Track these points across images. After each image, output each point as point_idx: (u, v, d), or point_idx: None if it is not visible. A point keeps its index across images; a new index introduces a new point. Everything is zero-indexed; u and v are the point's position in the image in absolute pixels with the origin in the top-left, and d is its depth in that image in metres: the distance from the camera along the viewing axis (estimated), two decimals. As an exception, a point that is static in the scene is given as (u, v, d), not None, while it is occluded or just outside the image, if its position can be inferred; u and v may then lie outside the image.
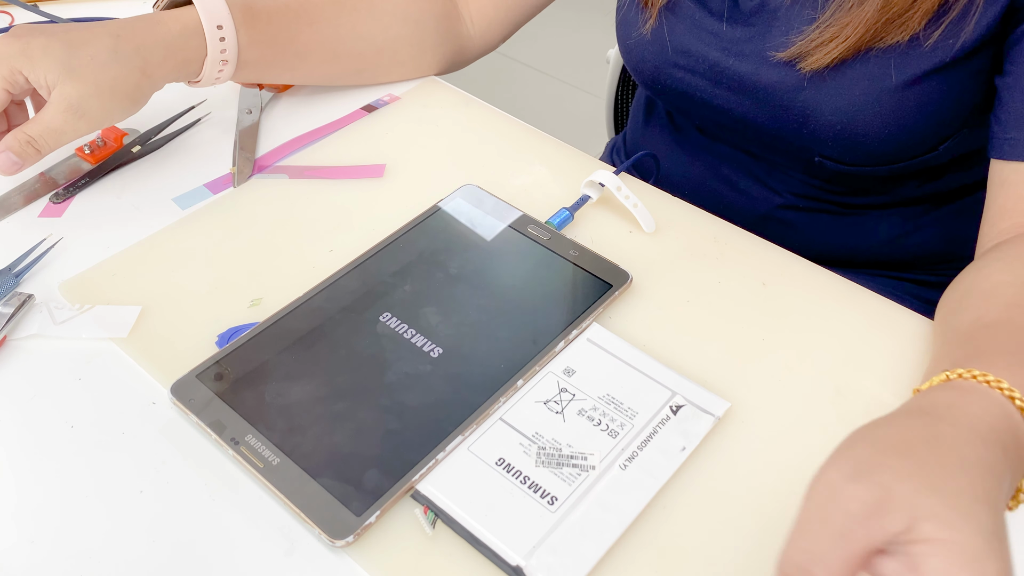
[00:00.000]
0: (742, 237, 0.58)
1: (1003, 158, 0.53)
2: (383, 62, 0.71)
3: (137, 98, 0.59)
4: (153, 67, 0.58)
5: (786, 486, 0.44)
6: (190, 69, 0.60)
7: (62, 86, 0.55)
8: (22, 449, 0.46)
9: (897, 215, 0.70)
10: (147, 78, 0.58)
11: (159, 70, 0.58)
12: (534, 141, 0.67)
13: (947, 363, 0.42)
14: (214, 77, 0.62)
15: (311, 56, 0.67)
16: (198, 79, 0.61)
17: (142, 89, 0.58)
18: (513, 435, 0.45)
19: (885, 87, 0.56)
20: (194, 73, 0.61)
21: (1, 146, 0.56)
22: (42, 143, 0.56)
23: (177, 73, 0.60)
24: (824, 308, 0.53)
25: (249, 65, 0.63)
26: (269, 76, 0.67)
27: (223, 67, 0.62)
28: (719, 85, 0.64)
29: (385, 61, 0.71)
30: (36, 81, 0.55)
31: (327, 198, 0.61)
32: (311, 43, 0.66)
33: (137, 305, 0.53)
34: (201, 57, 0.60)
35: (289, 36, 0.65)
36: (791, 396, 0.48)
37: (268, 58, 0.64)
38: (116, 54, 0.57)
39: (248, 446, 0.44)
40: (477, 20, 0.74)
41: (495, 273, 0.54)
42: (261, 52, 0.63)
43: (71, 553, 0.41)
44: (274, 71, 0.66)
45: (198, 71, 0.61)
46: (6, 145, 0.56)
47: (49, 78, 0.55)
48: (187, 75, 0.61)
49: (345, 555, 0.41)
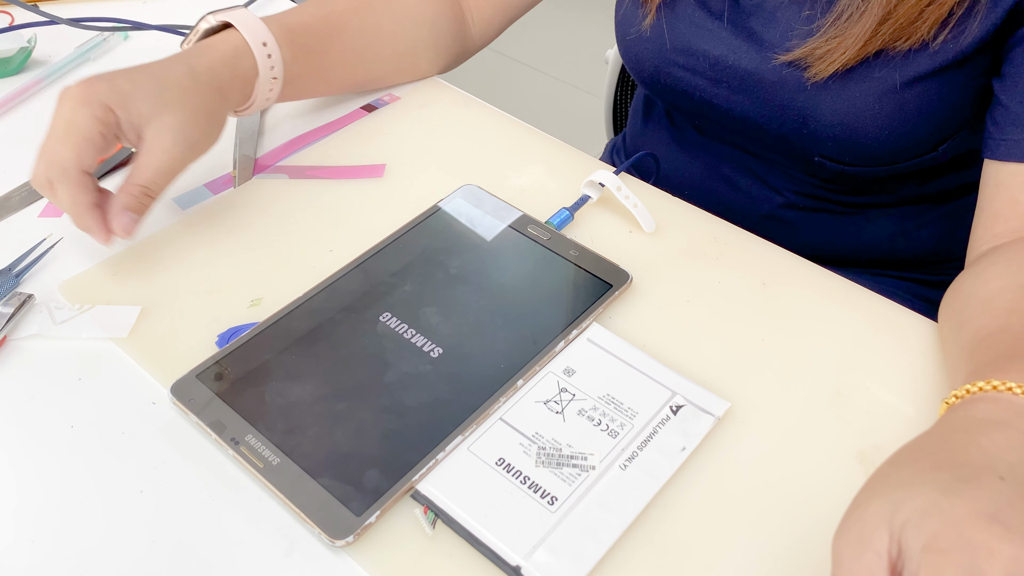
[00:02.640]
0: (742, 237, 0.58)
1: (998, 159, 0.53)
2: (404, 66, 0.71)
3: (220, 121, 0.57)
4: (226, 89, 0.57)
5: (786, 486, 0.44)
6: (247, 90, 0.59)
7: (159, 118, 0.52)
8: (22, 449, 0.46)
9: (898, 214, 0.70)
10: (224, 100, 0.57)
11: (230, 91, 0.57)
12: (534, 141, 0.67)
13: (961, 378, 0.42)
14: (264, 98, 0.61)
15: (343, 66, 0.67)
16: (249, 102, 0.60)
17: (223, 111, 0.57)
18: (513, 435, 0.45)
19: (886, 88, 0.56)
20: (248, 95, 0.59)
21: (116, 208, 0.52)
22: (155, 187, 0.53)
23: (241, 92, 0.58)
24: (824, 308, 0.53)
25: (293, 81, 0.63)
26: (308, 91, 0.66)
27: (273, 85, 0.60)
28: (719, 84, 0.64)
29: (406, 65, 0.71)
30: (129, 118, 0.52)
31: (327, 198, 0.61)
32: (343, 53, 0.66)
33: (137, 305, 0.53)
34: (254, 76, 0.59)
35: (323, 48, 0.64)
36: (791, 396, 0.48)
37: (308, 72, 0.64)
38: (196, 79, 0.55)
39: (248, 446, 0.44)
40: (478, 20, 0.75)
41: (495, 273, 0.54)
42: (302, 67, 0.63)
43: (71, 553, 0.41)
44: (313, 85, 0.66)
45: (252, 92, 0.59)
46: (122, 205, 0.52)
47: (143, 111, 0.52)
48: (245, 95, 0.59)
49: (345, 555, 0.41)
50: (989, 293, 0.47)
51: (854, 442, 0.46)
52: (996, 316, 0.45)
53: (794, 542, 0.42)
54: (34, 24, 0.78)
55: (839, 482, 0.44)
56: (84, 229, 0.52)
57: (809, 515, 0.43)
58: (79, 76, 0.75)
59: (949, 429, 0.37)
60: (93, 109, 0.50)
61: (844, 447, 0.46)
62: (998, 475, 0.33)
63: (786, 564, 0.41)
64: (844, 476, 0.44)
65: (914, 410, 0.47)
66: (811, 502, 0.43)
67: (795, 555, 0.41)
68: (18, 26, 0.79)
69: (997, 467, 0.33)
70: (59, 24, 0.78)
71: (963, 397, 0.39)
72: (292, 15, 0.63)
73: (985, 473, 0.33)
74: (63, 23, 0.75)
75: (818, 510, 0.43)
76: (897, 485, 0.34)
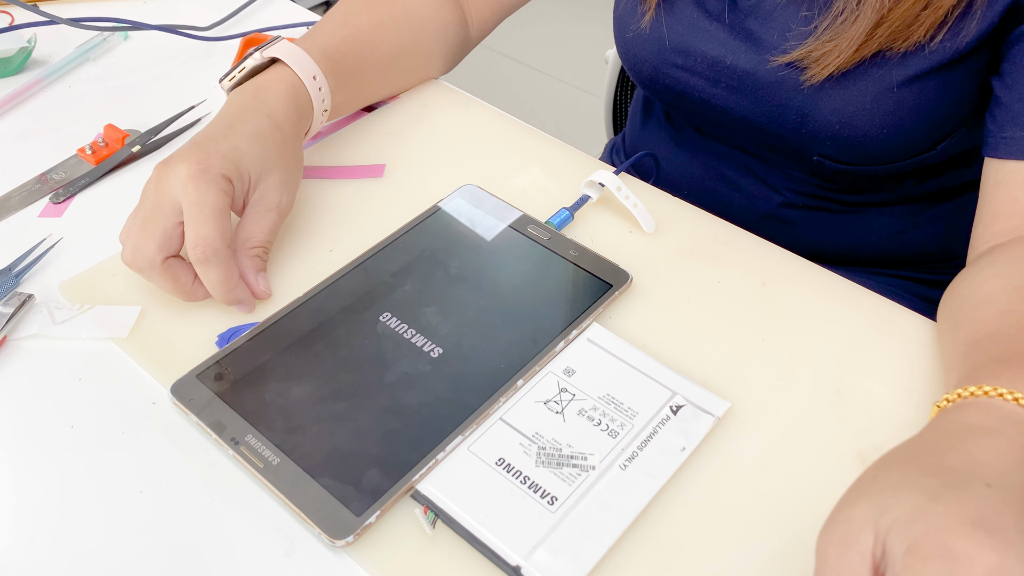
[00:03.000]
0: (742, 237, 0.58)
1: (999, 156, 0.53)
2: (420, 75, 0.72)
3: (302, 160, 0.58)
4: (299, 129, 0.57)
5: (786, 486, 0.44)
6: (307, 122, 0.59)
7: (266, 180, 0.53)
8: (22, 449, 0.46)
9: (897, 212, 0.70)
10: (299, 140, 0.57)
11: (301, 130, 0.58)
12: (534, 141, 0.67)
13: (954, 380, 0.42)
14: (316, 130, 0.61)
15: (373, 84, 0.67)
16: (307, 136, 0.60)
17: (301, 152, 0.58)
18: (513, 435, 0.45)
19: (884, 87, 0.56)
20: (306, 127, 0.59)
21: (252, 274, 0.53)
22: (271, 245, 0.55)
23: (305, 126, 0.59)
24: (824, 308, 0.53)
25: (336, 108, 0.63)
26: (344, 111, 0.66)
27: (323, 118, 0.61)
28: (717, 84, 0.64)
29: (421, 74, 0.72)
30: (243, 187, 0.53)
31: (327, 198, 0.61)
32: (372, 69, 0.66)
33: (137, 305, 0.53)
34: (309, 111, 0.59)
35: (359, 71, 0.64)
36: (791, 396, 0.48)
37: (348, 95, 0.64)
38: (281, 131, 0.55)
39: (248, 446, 0.44)
40: (476, 22, 0.75)
41: (495, 273, 0.54)
42: (345, 92, 0.63)
43: (71, 553, 0.41)
44: (350, 105, 0.66)
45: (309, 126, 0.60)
46: (256, 269, 0.53)
47: (253, 175, 0.53)
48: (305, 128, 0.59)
49: (345, 555, 0.41)
50: (985, 294, 0.47)
51: (854, 442, 0.46)
52: (991, 318, 0.45)
53: (794, 541, 0.42)
54: (34, 24, 0.78)
55: (839, 482, 0.44)
56: (234, 302, 0.52)
57: (809, 515, 0.43)
58: (79, 76, 0.75)
59: (939, 434, 0.38)
60: (218, 183, 0.50)
61: (844, 447, 0.46)
62: (985, 482, 0.33)
63: (786, 563, 0.41)
64: (844, 476, 0.44)
65: (914, 410, 0.47)
66: (811, 502, 0.43)
67: (795, 554, 0.41)
68: (18, 26, 0.79)
69: (984, 474, 0.33)
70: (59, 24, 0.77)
71: (954, 401, 0.40)
72: (324, 38, 0.62)
73: (972, 480, 0.33)
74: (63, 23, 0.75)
75: (818, 510, 0.43)
76: (884, 488, 0.34)
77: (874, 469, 0.36)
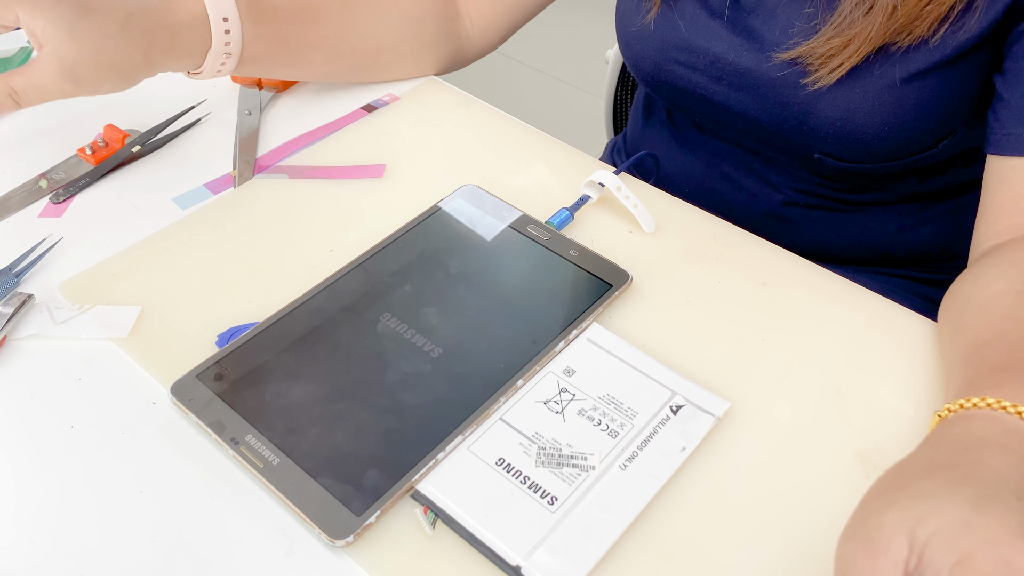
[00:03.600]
0: (742, 237, 0.58)
1: (1001, 153, 0.53)
2: (383, 60, 0.71)
3: (131, 78, 0.57)
4: (156, 52, 0.57)
5: (786, 486, 0.44)
6: (193, 60, 0.59)
7: (59, 45, 0.52)
8: (22, 449, 0.46)
9: (898, 211, 0.70)
10: (147, 62, 0.57)
11: (161, 56, 0.57)
12: (534, 141, 0.67)
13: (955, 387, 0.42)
14: (215, 70, 0.61)
15: (314, 53, 0.67)
16: (199, 71, 0.60)
17: (139, 71, 0.57)
18: (513, 435, 0.45)
19: (885, 85, 0.56)
20: (196, 64, 0.60)
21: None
22: (24, 98, 0.54)
23: (178, 63, 0.59)
24: (824, 308, 0.53)
25: (252, 60, 0.63)
26: (271, 72, 0.66)
27: (226, 60, 0.61)
28: (719, 81, 0.64)
29: (385, 59, 0.71)
30: (31, 30, 0.53)
31: (327, 198, 0.61)
32: (315, 40, 0.66)
33: (137, 305, 0.53)
34: (205, 49, 0.59)
35: (294, 32, 0.64)
36: (791, 396, 0.48)
37: (272, 53, 0.64)
38: (125, 30, 0.55)
39: (248, 446, 0.44)
40: (476, 20, 0.74)
41: (495, 273, 0.54)
42: (266, 47, 0.63)
43: (71, 553, 0.41)
44: (276, 67, 0.66)
45: (200, 63, 0.60)
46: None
47: (47, 32, 0.52)
48: (188, 66, 0.60)
49: (345, 555, 0.41)
50: (987, 297, 0.47)
51: (854, 442, 0.46)
52: (993, 322, 0.44)
53: (794, 541, 0.42)
54: (34, 24, 0.78)
55: (840, 482, 0.44)
56: None
57: (810, 514, 0.43)
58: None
59: (953, 445, 0.37)
60: None
61: (844, 447, 0.46)
62: (1015, 496, 0.32)
63: (786, 562, 0.41)
64: (844, 476, 0.44)
65: (914, 410, 0.47)
66: (812, 502, 0.43)
67: (795, 554, 0.41)
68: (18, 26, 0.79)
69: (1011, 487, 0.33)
70: None
71: (956, 411, 0.39)
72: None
73: (1004, 492, 0.33)
74: None
75: (818, 510, 0.43)
76: (918, 497, 0.33)
77: (896, 479, 0.36)
